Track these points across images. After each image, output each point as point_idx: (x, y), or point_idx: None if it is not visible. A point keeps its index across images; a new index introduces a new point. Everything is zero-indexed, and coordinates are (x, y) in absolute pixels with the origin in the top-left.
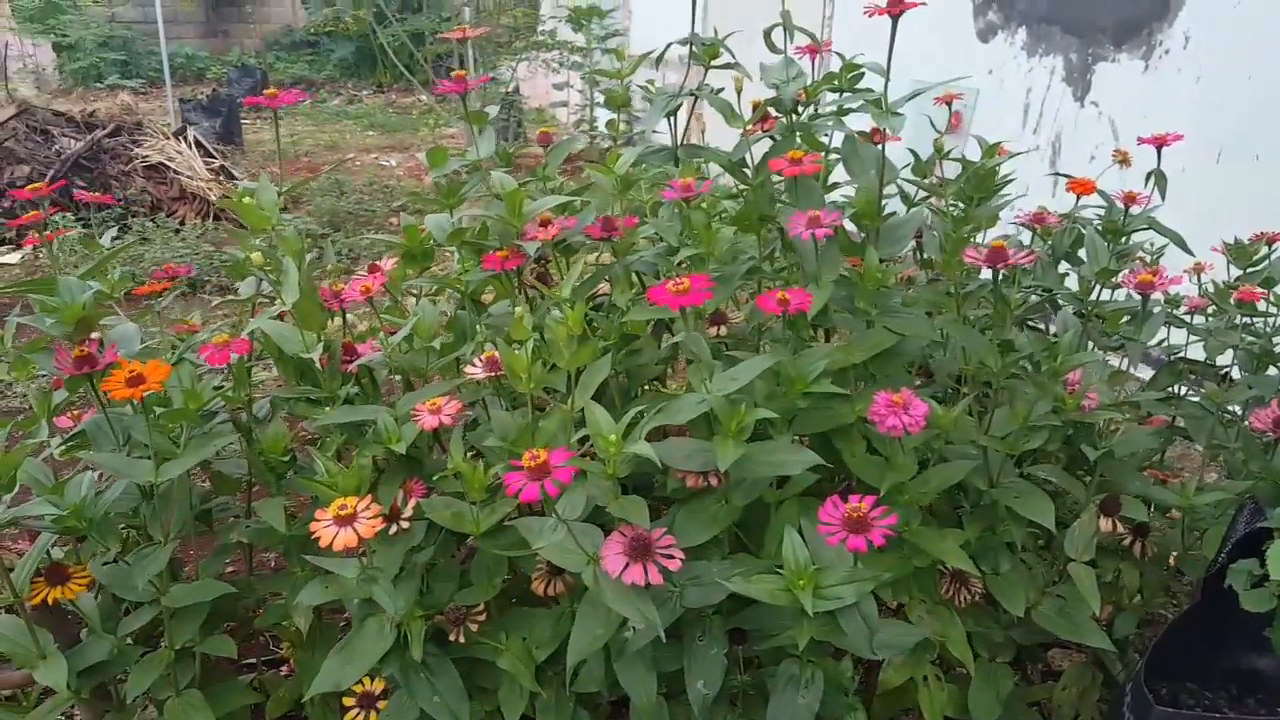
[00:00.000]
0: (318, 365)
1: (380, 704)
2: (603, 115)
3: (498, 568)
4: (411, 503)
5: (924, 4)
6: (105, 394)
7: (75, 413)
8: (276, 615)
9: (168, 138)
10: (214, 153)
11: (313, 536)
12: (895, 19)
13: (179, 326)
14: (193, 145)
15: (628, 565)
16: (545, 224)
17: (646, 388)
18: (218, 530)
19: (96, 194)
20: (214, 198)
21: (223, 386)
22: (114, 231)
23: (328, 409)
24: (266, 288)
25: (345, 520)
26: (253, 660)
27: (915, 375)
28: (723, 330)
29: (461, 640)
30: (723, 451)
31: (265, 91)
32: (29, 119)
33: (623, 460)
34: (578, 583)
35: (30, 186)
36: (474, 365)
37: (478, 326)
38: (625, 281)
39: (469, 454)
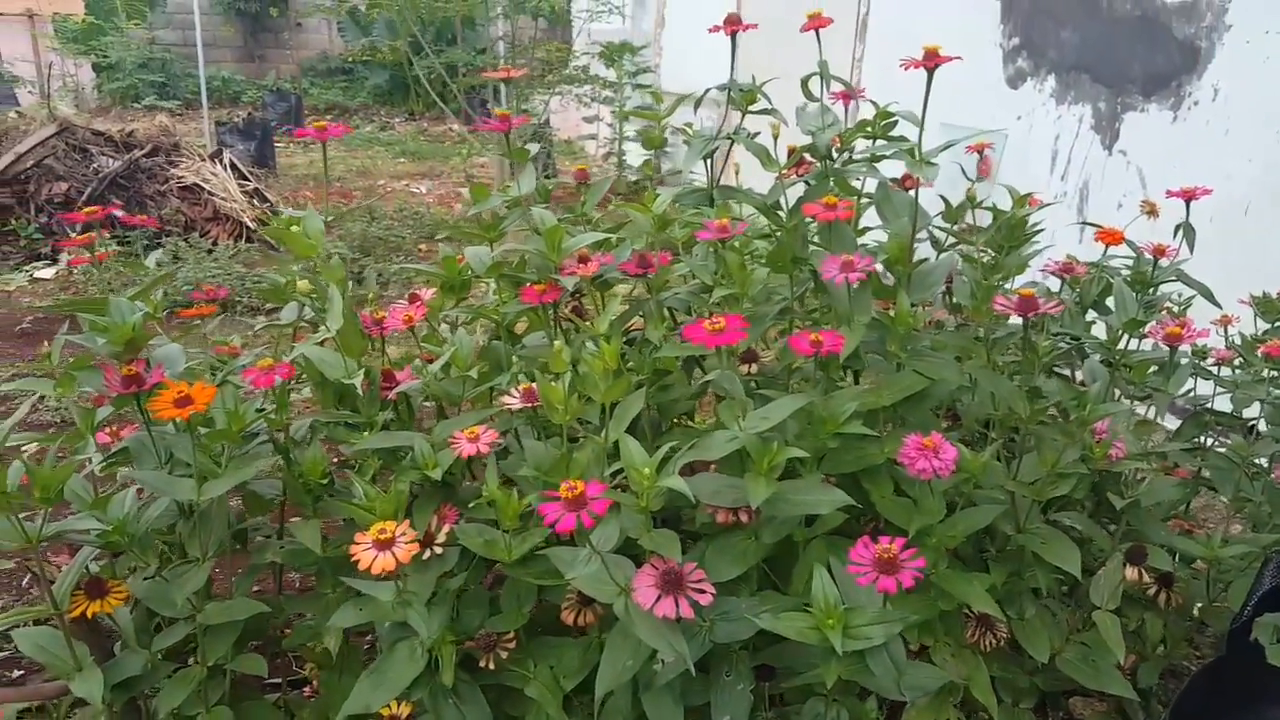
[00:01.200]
0: (358, 391)
1: None
2: (630, 149)
3: (527, 596)
4: (445, 529)
5: (960, 59)
6: (150, 413)
7: (112, 429)
8: (304, 636)
9: (204, 159)
10: (248, 175)
11: (351, 559)
12: (931, 72)
13: (219, 348)
14: (228, 167)
15: (660, 598)
16: (583, 260)
17: (676, 422)
18: (251, 550)
19: (134, 214)
20: (247, 220)
21: (263, 409)
22: (159, 254)
23: (366, 434)
24: (307, 313)
25: (384, 544)
26: (277, 680)
27: (942, 419)
28: (753, 369)
29: (491, 667)
30: (755, 488)
31: (313, 123)
32: (69, 137)
33: (656, 494)
34: (607, 614)
35: (86, 210)
36: (511, 395)
37: (513, 357)
38: (659, 318)
39: (500, 482)
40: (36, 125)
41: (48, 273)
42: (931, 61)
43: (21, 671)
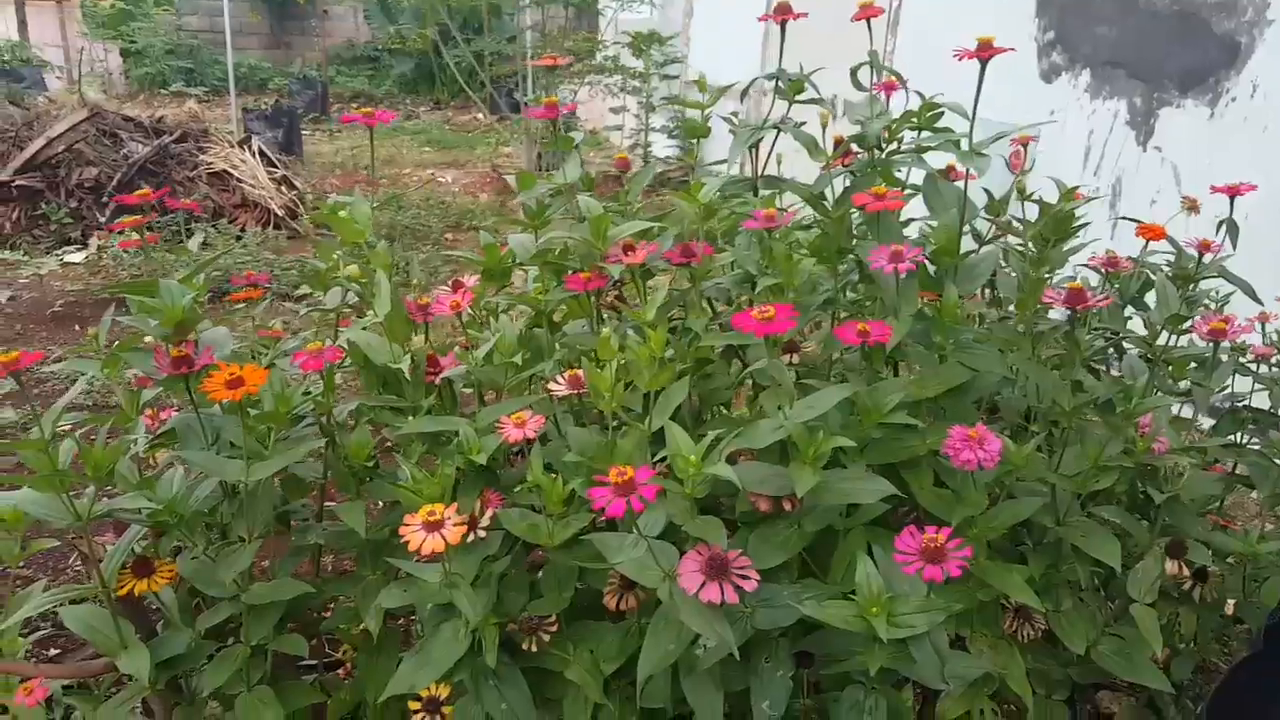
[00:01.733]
0: (404, 376)
1: (445, 709)
2: (656, 140)
3: (568, 580)
4: (489, 513)
5: (1014, 50)
6: (198, 394)
7: (152, 412)
8: (344, 618)
9: (232, 146)
10: (276, 163)
11: (401, 540)
12: (984, 63)
13: (262, 332)
14: (256, 154)
15: (704, 584)
16: (629, 248)
17: (716, 411)
18: (294, 532)
19: (169, 199)
20: (275, 207)
21: (309, 392)
22: (200, 238)
23: (411, 418)
24: (350, 298)
25: (434, 526)
26: (313, 661)
27: (981, 412)
28: (795, 358)
29: (534, 650)
30: (800, 477)
31: (360, 109)
32: (99, 122)
33: (701, 481)
34: (649, 599)
35: (136, 193)
36: (557, 382)
37: (555, 345)
38: (700, 307)
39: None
40: (67, 110)
41: (78, 257)
42: (986, 53)
43: (59, 650)
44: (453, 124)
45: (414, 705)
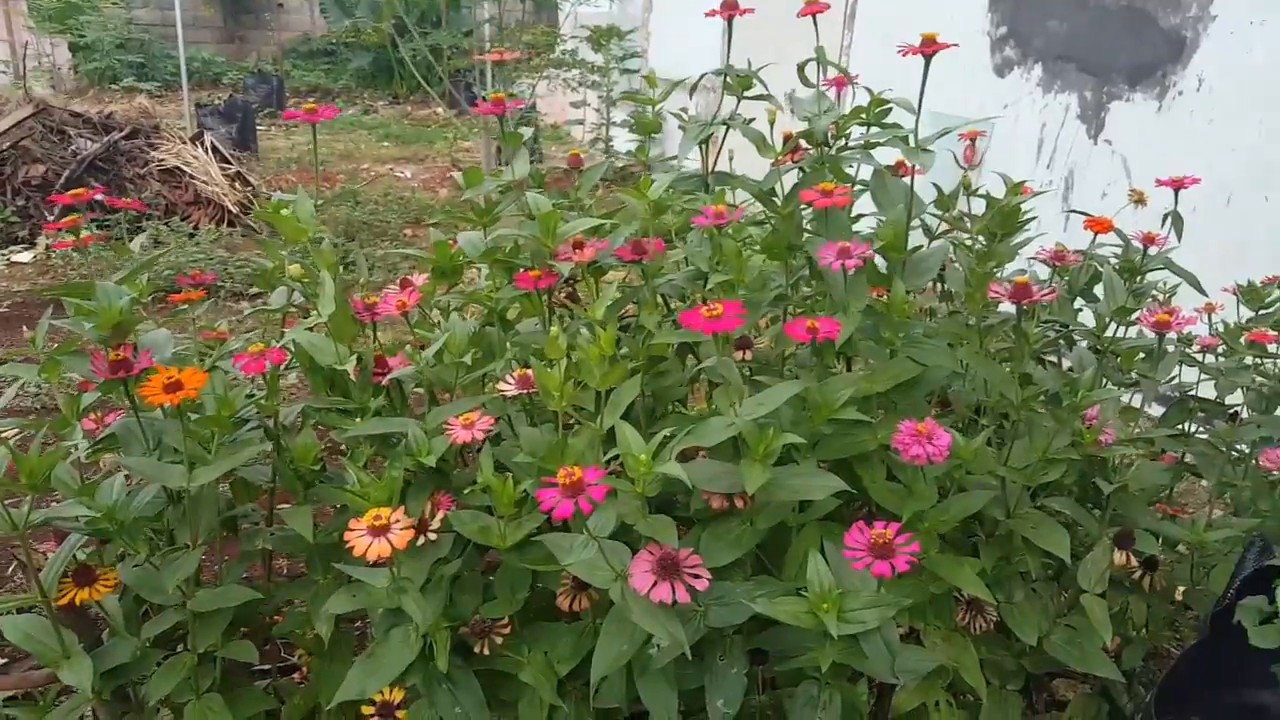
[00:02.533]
0: (350, 377)
1: (399, 713)
2: (618, 134)
3: (522, 582)
4: (439, 515)
5: (957, 45)
6: (138, 398)
7: (96, 416)
8: (295, 623)
9: (184, 142)
10: (230, 159)
11: (346, 546)
12: (928, 59)
13: (207, 334)
14: (209, 150)
15: (656, 583)
16: (579, 246)
17: (670, 409)
18: (241, 537)
19: (115, 197)
20: (229, 204)
21: (253, 395)
22: (143, 238)
23: (359, 420)
24: (296, 298)
25: (379, 530)
26: (267, 667)
27: (933, 406)
28: (748, 355)
29: (486, 652)
30: (750, 475)
31: (302, 106)
32: (46, 119)
33: (652, 480)
34: (603, 599)
35: (71, 192)
36: (506, 382)
37: (506, 344)
38: (653, 304)
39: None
40: (12, 106)
41: (25, 256)
42: (929, 48)
43: (4, 660)
44: (412, 118)
45: (367, 710)
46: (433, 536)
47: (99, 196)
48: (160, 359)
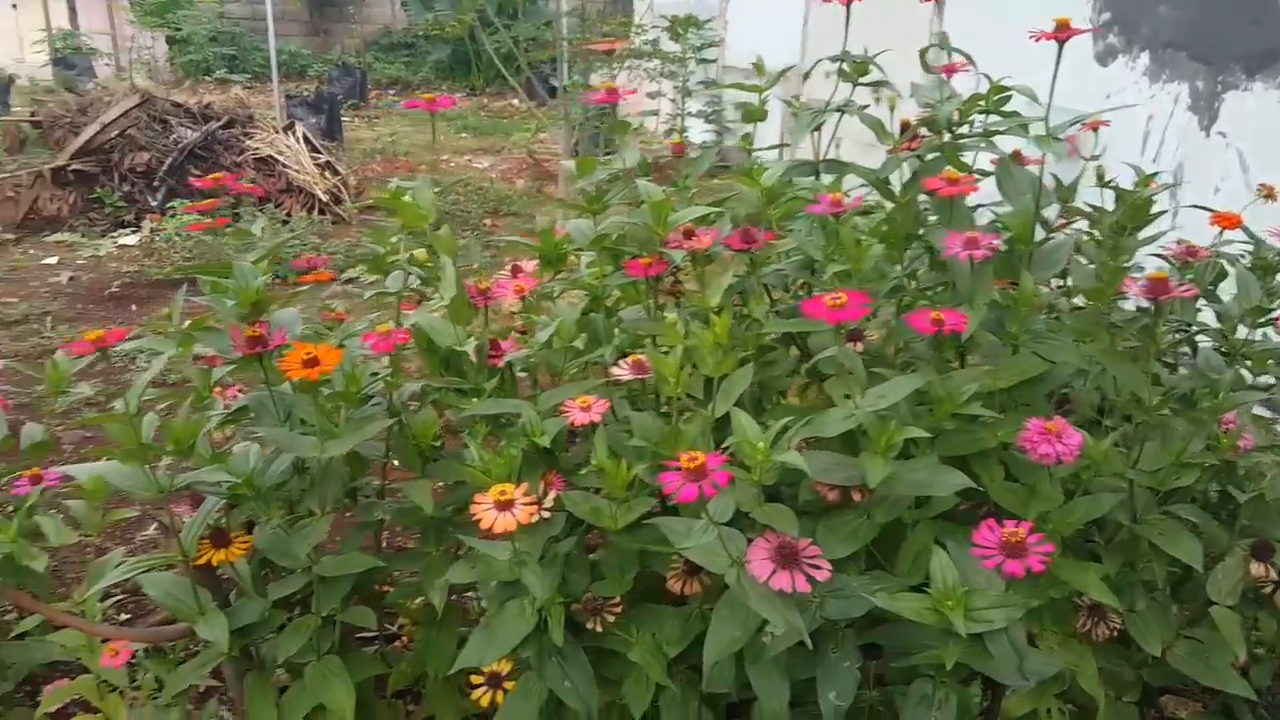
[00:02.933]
0: (470, 358)
1: (507, 684)
2: (692, 125)
3: (629, 563)
4: (551, 494)
5: (1092, 31)
6: (280, 373)
7: (218, 390)
8: (406, 593)
9: (278, 132)
10: (320, 148)
11: (473, 518)
12: (1061, 44)
13: (326, 314)
14: (301, 140)
15: (775, 571)
16: (689, 234)
17: (776, 400)
18: (360, 508)
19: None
20: (319, 192)
21: (377, 373)
22: (263, 221)
23: (474, 400)
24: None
25: (504, 505)
26: (374, 634)
27: (1050, 405)
28: (859, 347)
29: (599, 630)
30: (873, 468)
31: (423, 95)
32: (150, 108)
33: (769, 468)
34: (713, 585)
35: (212, 175)
36: (620, 367)
37: (614, 330)
38: (760, 294)
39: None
40: (119, 97)
41: (131, 240)
42: (1063, 34)
43: (128, 615)
44: (488, 110)
45: (476, 680)
46: (546, 515)
47: (228, 182)
48: (291, 337)
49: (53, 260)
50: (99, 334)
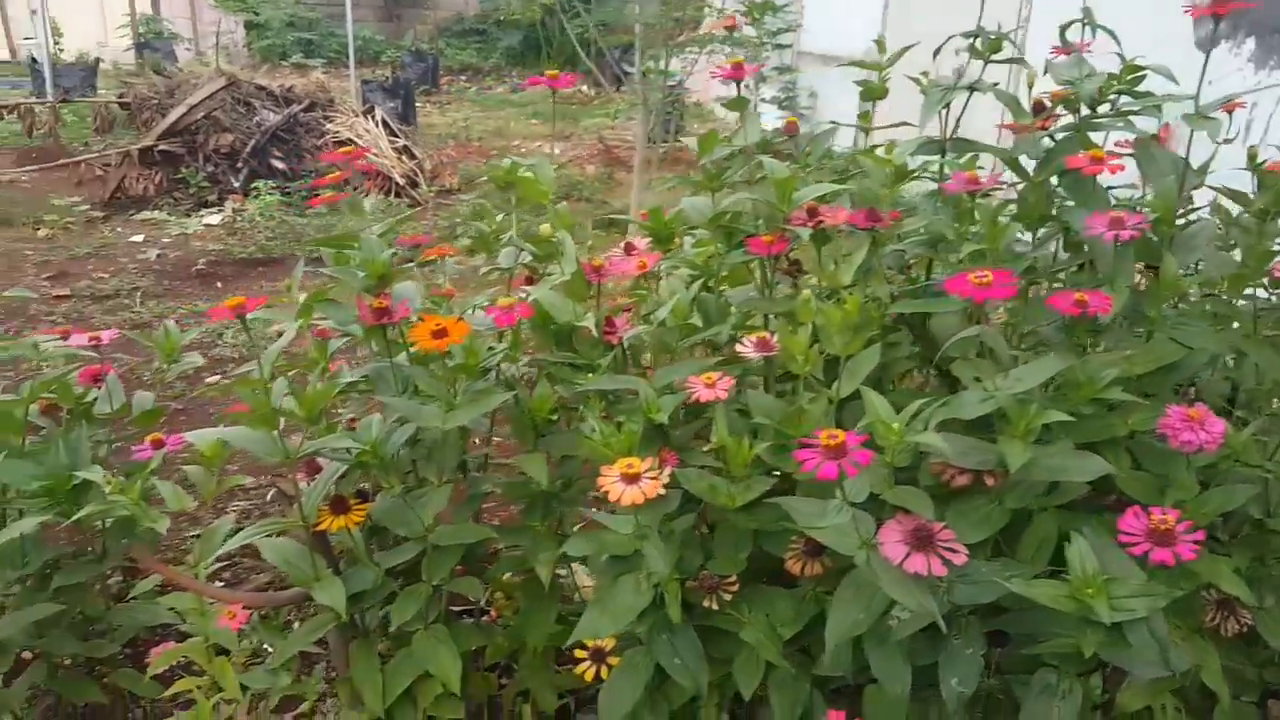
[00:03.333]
0: (592, 333)
1: (610, 659)
2: (765, 110)
3: (743, 542)
4: (667, 471)
5: (1256, 4)
6: (411, 344)
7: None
8: (510, 565)
9: (357, 115)
10: (397, 132)
11: (600, 492)
12: (1218, 20)
13: (436, 290)
14: (380, 124)
15: (909, 554)
16: (812, 212)
17: (896, 382)
18: (468, 480)
19: (293, 166)
20: (397, 175)
21: (494, 347)
22: (375, 198)
23: (589, 375)
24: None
25: (632, 478)
26: (469, 606)
27: (1179, 393)
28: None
29: (715, 607)
30: (1013, 452)
31: (548, 71)
32: (235, 91)
33: (903, 450)
34: (835, 566)
35: (342, 149)
36: (743, 345)
37: (729, 308)
38: (882, 273)
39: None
40: (205, 79)
41: (215, 219)
42: (1224, 7)
43: (227, 580)
44: (558, 96)
45: (580, 654)
46: (662, 491)
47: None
48: (413, 309)
49: (139, 238)
50: (240, 300)
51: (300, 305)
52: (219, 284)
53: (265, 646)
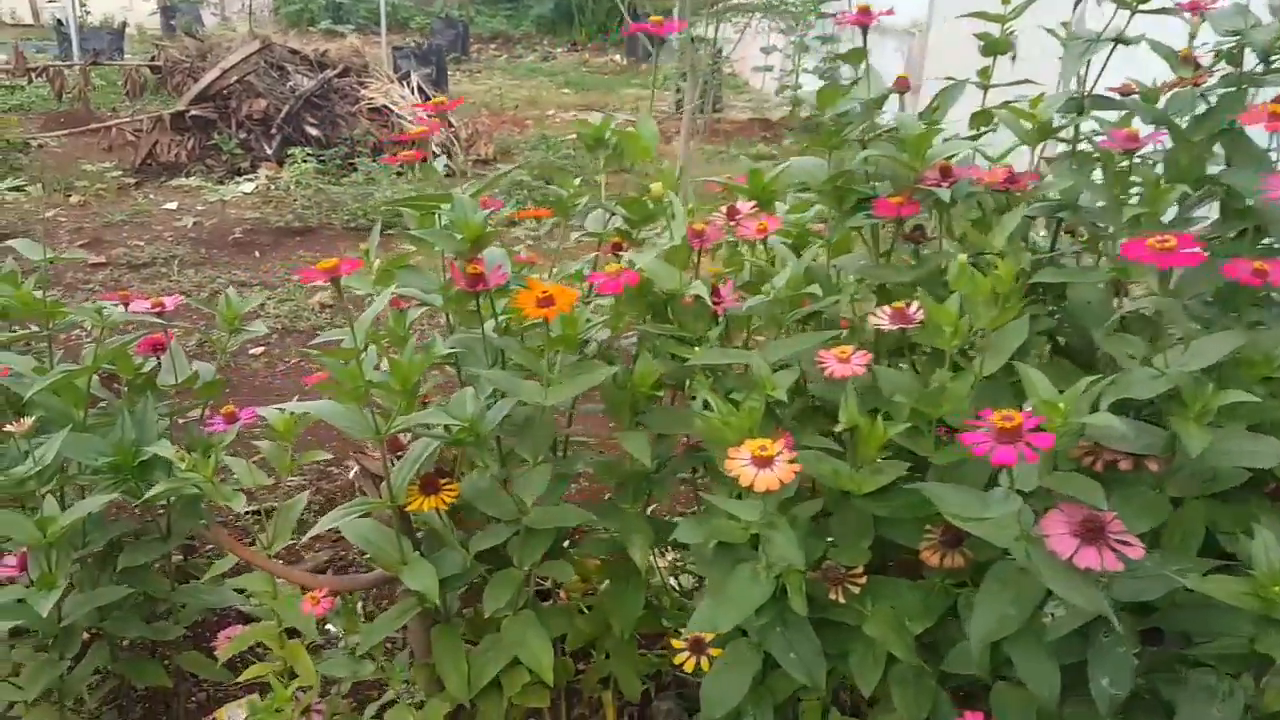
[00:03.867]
0: (681, 303)
1: (711, 651)
2: (806, 80)
3: (865, 530)
4: (787, 454)
5: None
6: (488, 313)
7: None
8: (598, 548)
9: (392, 81)
10: (432, 99)
11: (730, 474)
12: None
13: (519, 257)
14: (415, 91)
15: (1079, 548)
16: (945, 171)
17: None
18: (558, 460)
19: (327, 133)
20: (434, 144)
21: (590, 319)
22: (443, 160)
23: (696, 349)
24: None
25: (764, 461)
26: (542, 589)
27: None
28: (1123, 301)
29: (841, 600)
30: (1190, 435)
31: (652, 19)
32: (268, 55)
33: (1069, 432)
34: (977, 558)
35: (437, 101)
36: (878, 316)
37: (844, 277)
38: (1019, 241)
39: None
40: (238, 43)
41: (249, 187)
42: None
43: (283, 557)
44: (589, 66)
45: (677, 644)
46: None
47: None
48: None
49: (173, 205)
50: (334, 262)
51: (379, 271)
52: (256, 253)
53: (329, 628)
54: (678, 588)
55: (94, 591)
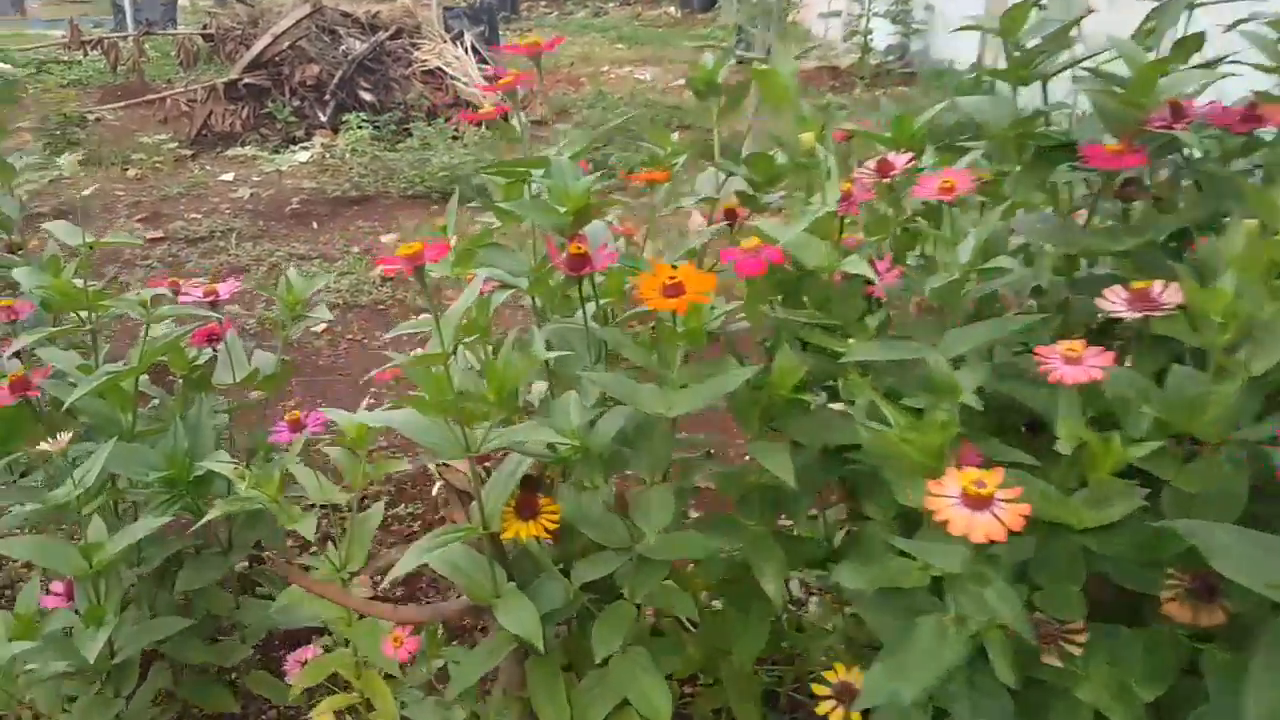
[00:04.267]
0: (820, 284)
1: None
2: (877, 26)
3: (1076, 571)
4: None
5: None
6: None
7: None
8: (715, 571)
9: (445, 42)
10: (487, 59)
11: (931, 513)
12: None
13: (615, 229)
14: (469, 51)
15: None
16: (1176, 109)
17: None
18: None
19: (380, 98)
20: (488, 105)
21: (714, 307)
22: (524, 118)
23: (851, 340)
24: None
25: (980, 503)
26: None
27: None
28: None
29: (1057, 664)
30: None
31: None
32: (319, 19)
33: None
34: (1243, 614)
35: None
36: (1110, 299)
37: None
38: None
39: None
40: (289, 6)
41: (304, 155)
42: None
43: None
44: (643, 20)
45: (820, 690)
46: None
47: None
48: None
49: (229, 176)
50: (417, 247)
51: (459, 251)
52: (314, 224)
53: None
54: (792, 603)
55: (150, 623)
